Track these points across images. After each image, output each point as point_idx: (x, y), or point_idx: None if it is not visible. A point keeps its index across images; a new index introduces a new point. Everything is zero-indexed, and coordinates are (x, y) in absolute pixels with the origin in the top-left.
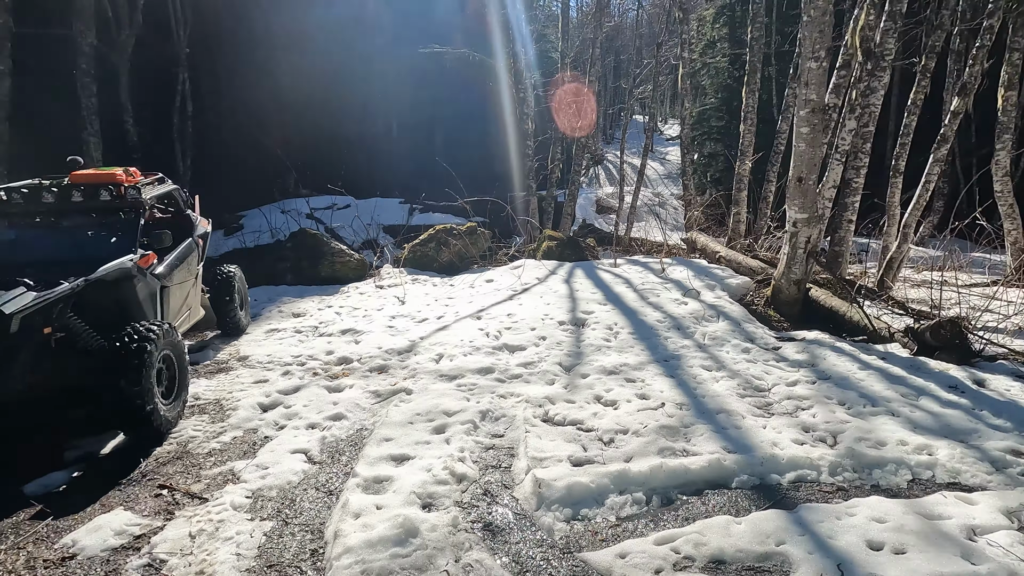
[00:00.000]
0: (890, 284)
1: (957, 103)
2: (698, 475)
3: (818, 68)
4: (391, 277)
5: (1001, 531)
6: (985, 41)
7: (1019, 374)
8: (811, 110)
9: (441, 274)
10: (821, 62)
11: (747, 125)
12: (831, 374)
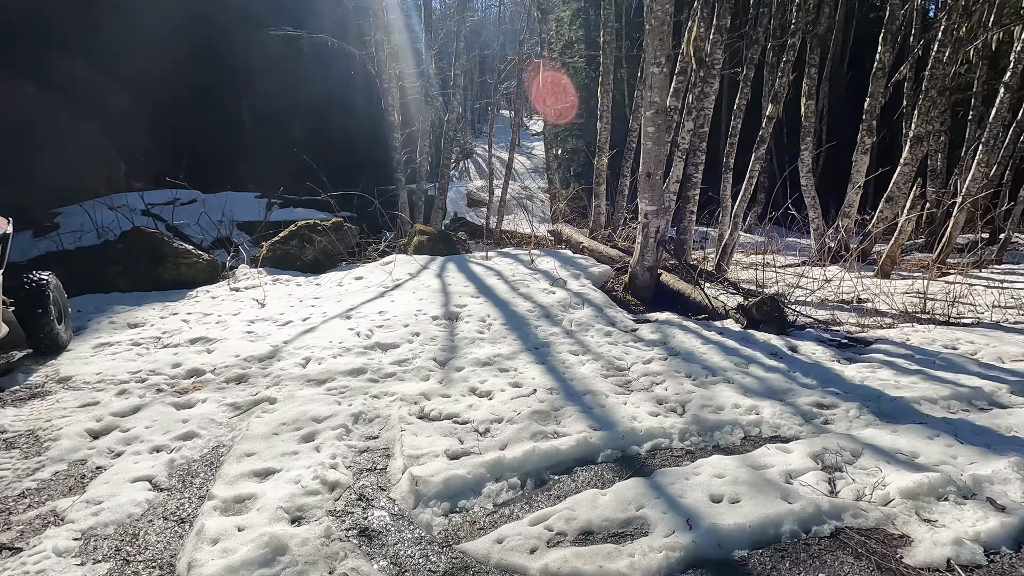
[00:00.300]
0: (726, 267)
1: (771, 109)
2: (568, 454)
3: (660, 73)
4: (248, 278)
5: (810, 472)
6: (789, 56)
7: (821, 339)
8: (655, 111)
9: (306, 273)
10: (662, 67)
11: (603, 123)
12: (679, 350)
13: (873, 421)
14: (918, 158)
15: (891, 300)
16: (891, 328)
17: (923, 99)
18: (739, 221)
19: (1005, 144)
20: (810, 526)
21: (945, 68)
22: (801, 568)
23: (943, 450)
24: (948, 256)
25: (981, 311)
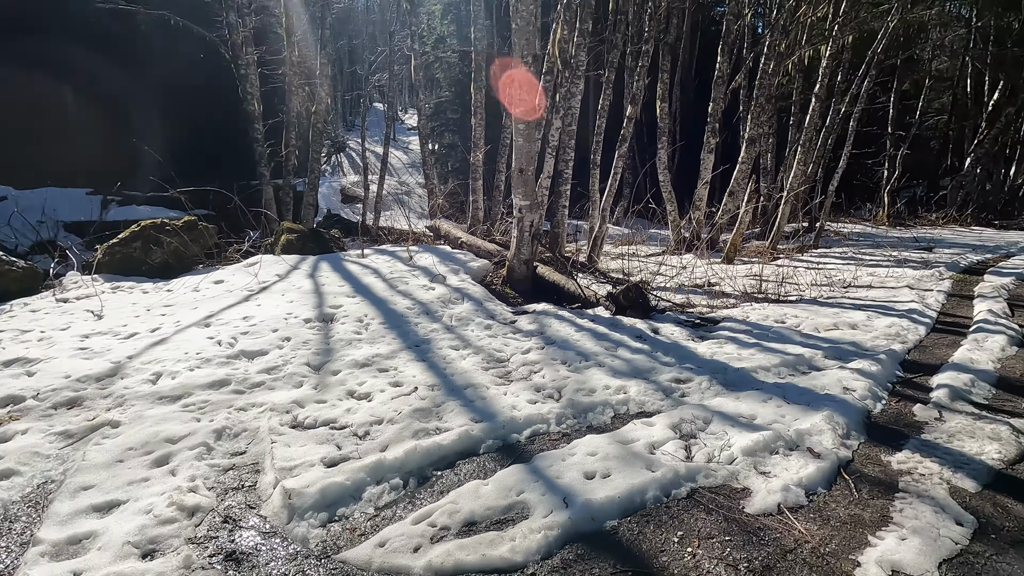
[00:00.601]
0: (596, 258)
1: (631, 110)
2: (450, 449)
3: (527, 71)
4: (80, 287)
5: (669, 442)
6: (644, 62)
7: (679, 321)
8: (524, 109)
9: (154, 279)
10: (530, 66)
11: (477, 119)
12: (555, 339)
13: (721, 391)
14: (752, 157)
15: (734, 283)
16: (735, 308)
17: (754, 105)
18: (607, 214)
19: (818, 146)
20: (670, 490)
21: (771, 79)
22: (663, 529)
23: (774, 411)
24: (778, 243)
25: (803, 289)
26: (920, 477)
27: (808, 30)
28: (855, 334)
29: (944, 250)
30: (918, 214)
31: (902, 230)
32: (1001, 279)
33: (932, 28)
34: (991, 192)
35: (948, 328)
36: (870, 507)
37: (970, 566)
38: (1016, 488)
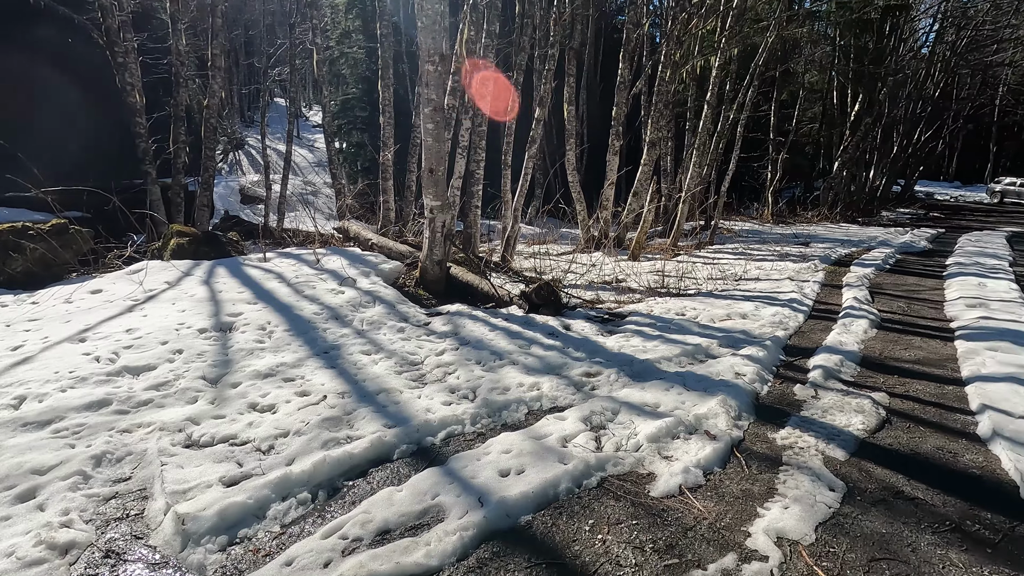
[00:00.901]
0: (510, 258)
1: (539, 112)
2: (362, 457)
3: (435, 71)
4: None
5: (581, 434)
6: (550, 65)
7: (589, 317)
8: (433, 108)
9: (14, 290)
10: (437, 66)
11: (386, 118)
12: (470, 339)
13: (628, 382)
14: (654, 159)
15: (639, 279)
16: (640, 302)
17: (654, 110)
18: (519, 214)
19: (711, 149)
20: (581, 481)
21: (668, 86)
22: (575, 519)
23: (676, 398)
24: (678, 240)
25: (701, 283)
26: (800, 450)
27: (700, 42)
28: (745, 323)
29: (818, 245)
30: (797, 212)
31: (784, 227)
32: (864, 269)
33: (804, 45)
34: (855, 192)
35: (822, 315)
36: (759, 481)
37: (840, 526)
38: (877, 454)
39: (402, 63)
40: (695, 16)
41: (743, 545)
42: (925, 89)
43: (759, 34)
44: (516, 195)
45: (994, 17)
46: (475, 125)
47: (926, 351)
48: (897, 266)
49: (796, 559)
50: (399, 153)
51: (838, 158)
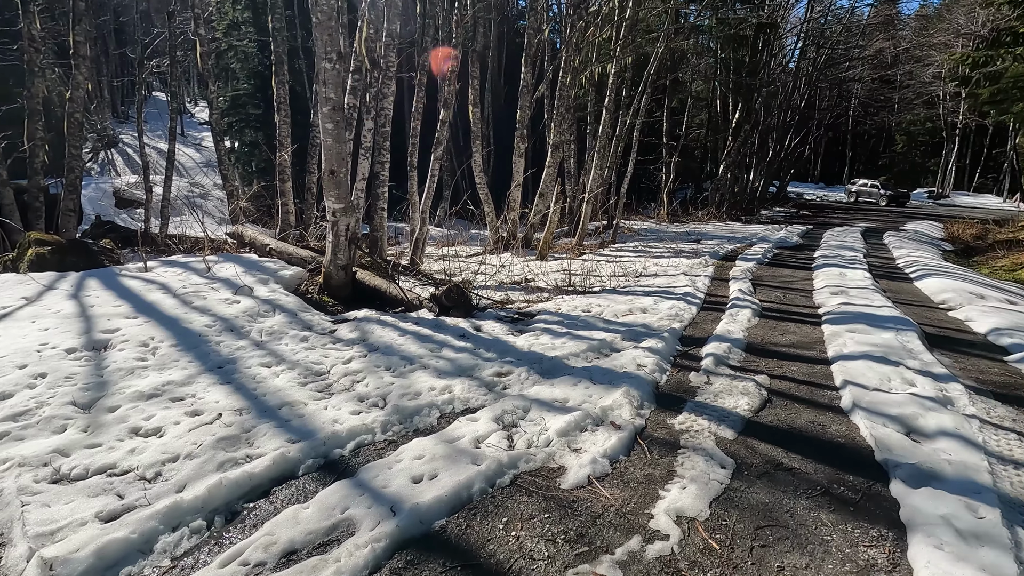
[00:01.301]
0: (419, 260)
1: (444, 113)
2: (264, 476)
3: (332, 69)
4: None
5: (493, 434)
6: (453, 67)
7: (499, 317)
8: (332, 108)
9: None
10: (335, 64)
11: (282, 116)
12: (379, 345)
13: (539, 380)
14: (558, 161)
15: (547, 278)
16: (549, 301)
17: (556, 114)
18: (426, 216)
19: (611, 152)
20: (495, 480)
21: (568, 91)
22: (489, 518)
23: (583, 392)
24: (583, 239)
25: (605, 280)
26: (695, 433)
27: (597, 49)
28: (646, 317)
29: (708, 242)
30: (689, 212)
31: (678, 225)
32: (747, 264)
33: (691, 56)
34: (738, 193)
35: (713, 306)
36: (660, 465)
37: (731, 500)
38: (760, 431)
39: (298, 59)
40: (592, 24)
41: (647, 527)
42: (793, 100)
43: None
44: (423, 197)
45: (845, 38)
46: (378, 126)
47: (799, 335)
48: (774, 260)
49: (693, 535)
50: (298, 153)
51: (723, 161)
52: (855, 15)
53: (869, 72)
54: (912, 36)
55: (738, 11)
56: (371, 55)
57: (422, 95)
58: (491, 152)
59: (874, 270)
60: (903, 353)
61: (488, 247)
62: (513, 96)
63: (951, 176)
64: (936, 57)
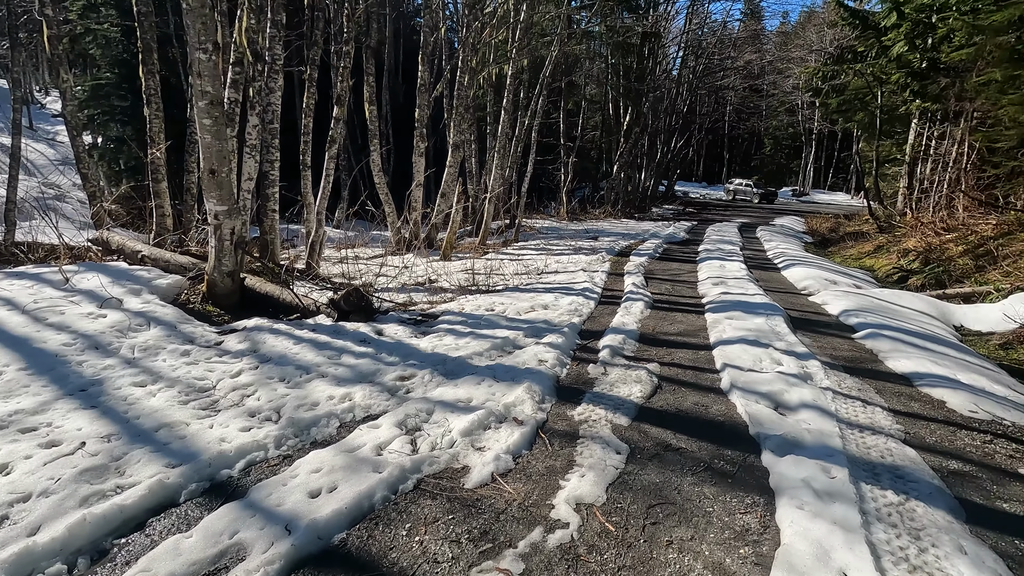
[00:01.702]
0: (316, 264)
1: (337, 111)
2: (138, 507)
3: (208, 60)
4: None
5: (396, 440)
6: (346, 63)
7: (402, 320)
8: (210, 102)
9: None
10: (210, 55)
11: (152, 109)
12: (272, 355)
13: (442, 381)
14: (458, 161)
15: (451, 278)
16: (452, 301)
17: (455, 114)
18: (322, 217)
19: (511, 152)
20: (397, 486)
21: (466, 91)
22: (392, 526)
23: (487, 390)
24: (486, 239)
25: (508, 279)
26: (593, 423)
27: (494, 51)
28: (547, 313)
29: (605, 238)
30: (587, 210)
31: (577, 223)
32: (640, 259)
33: (584, 61)
34: (631, 192)
35: (609, 300)
36: (560, 456)
37: (625, 484)
38: (652, 416)
39: (172, 47)
40: (488, 26)
41: (548, 517)
42: (677, 105)
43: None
44: (319, 198)
45: (720, 49)
46: (265, 122)
47: (686, 324)
48: (664, 254)
49: (592, 520)
50: (175, 150)
51: (616, 162)
52: (727, 29)
53: (741, 81)
54: (775, 50)
55: (625, 19)
56: (253, 47)
57: (313, 91)
58: (391, 151)
59: (749, 261)
60: (772, 336)
61: (390, 248)
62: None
63: (810, 176)
64: (794, 70)
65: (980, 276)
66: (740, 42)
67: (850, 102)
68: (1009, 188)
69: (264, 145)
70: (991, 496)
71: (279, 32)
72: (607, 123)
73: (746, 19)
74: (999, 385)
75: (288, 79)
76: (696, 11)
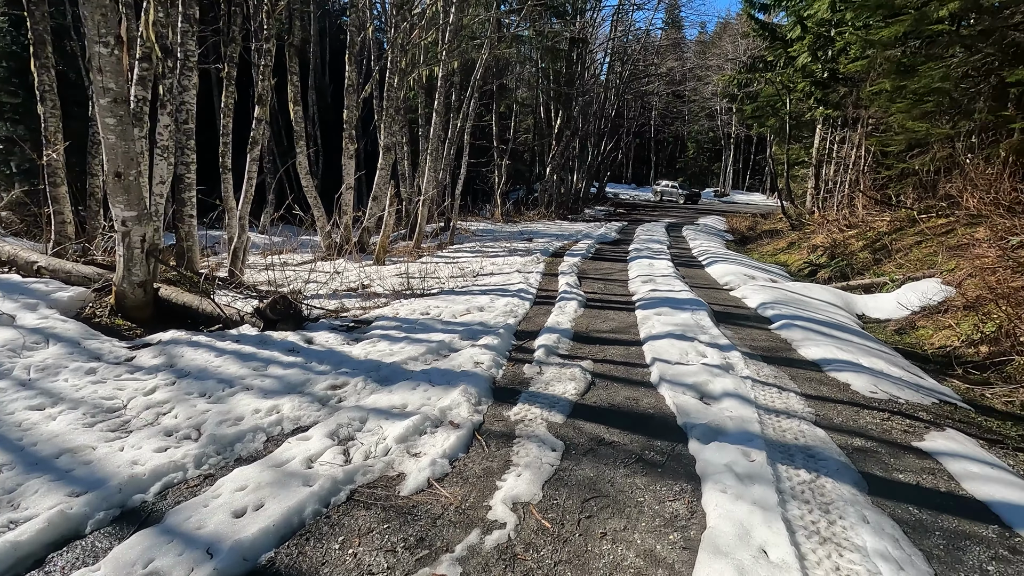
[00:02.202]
0: (240, 271)
1: (259, 111)
2: (36, 542)
3: (110, 55)
4: None
5: (328, 451)
6: (268, 61)
7: (333, 327)
8: (113, 100)
9: None
10: (112, 49)
11: (48, 107)
12: (190, 369)
13: (377, 388)
14: (390, 163)
15: (385, 283)
16: (387, 306)
17: (386, 115)
18: (246, 223)
19: (444, 155)
20: (329, 499)
21: (397, 92)
22: (324, 540)
23: (422, 395)
24: (421, 242)
25: (443, 282)
26: (529, 422)
27: (424, 52)
28: (483, 315)
29: (540, 240)
30: (522, 212)
31: (512, 225)
32: (573, 259)
33: (515, 64)
34: (564, 194)
35: (544, 300)
36: (497, 457)
37: (561, 480)
38: (586, 412)
39: (70, 40)
40: (417, 27)
41: (485, 519)
42: (606, 109)
43: (476, 50)
44: (241, 201)
45: (644, 56)
46: (179, 122)
47: (618, 321)
48: (597, 254)
49: (528, 518)
50: (76, 151)
51: (549, 164)
52: (650, 36)
53: (664, 87)
54: (694, 58)
55: (554, 25)
56: (163, 42)
57: (233, 90)
58: (319, 153)
59: (676, 260)
60: (697, 329)
61: (320, 254)
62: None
63: (730, 177)
64: (712, 77)
65: (878, 268)
66: (663, 49)
67: (763, 108)
68: (899, 188)
69: (179, 146)
70: (889, 468)
71: (192, 27)
72: (539, 126)
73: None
74: (895, 367)
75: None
76: (621, 19)
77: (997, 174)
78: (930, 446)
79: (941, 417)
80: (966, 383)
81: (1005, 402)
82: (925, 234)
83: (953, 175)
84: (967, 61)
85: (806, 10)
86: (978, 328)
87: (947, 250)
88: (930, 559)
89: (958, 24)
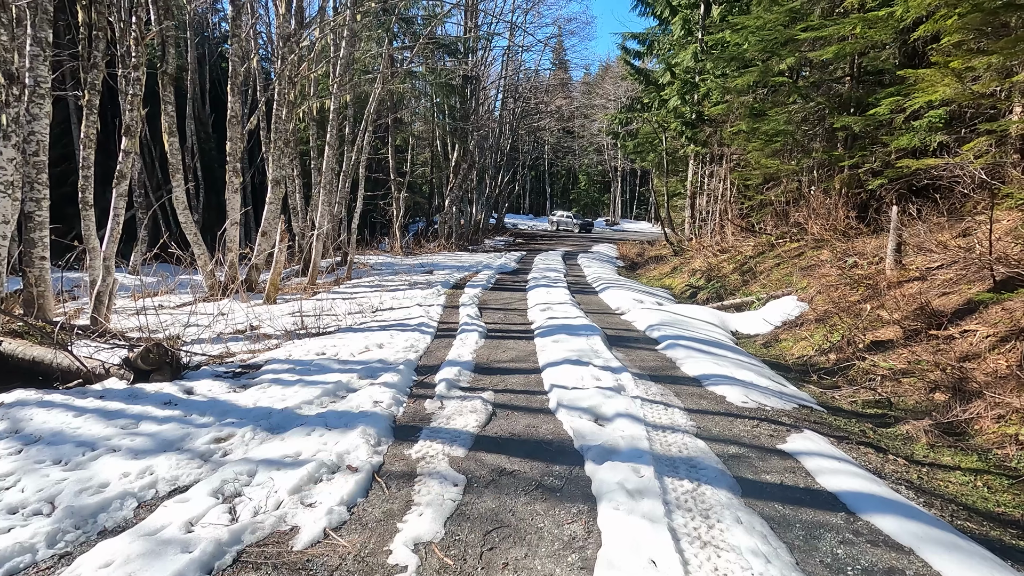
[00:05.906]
0: (105, 318)
1: (127, 142)
2: None
3: None
4: None
5: (211, 511)
6: (137, 90)
7: (217, 374)
8: None
9: None
10: None
11: None
12: (42, 434)
13: (267, 437)
14: (280, 197)
15: (276, 323)
16: (278, 348)
17: (274, 148)
18: (111, 263)
19: (339, 188)
20: (213, 564)
21: (285, 124)
22: None
23: (318, 441)
24: (316, 278)
25: (341, 319)
26: (430, 458)
27: (315, 84)
28: (382, 352)
29: (440, 272)
30: (422, 244)
31: (412, 258)
32: (474, 290)
33: (410, 98)
34: (464, 225)
35: (446, 333)
36: (398, 499)
37: (463, 515)
38: (488, 444)
39: None
40: (306, 60)
41: (386, 564)
42: (501, 144)
43: (369, 84)
44: (106, 241)
45: (535, 94)
46: (28, 155)
47: (518, 350)
48: (497, 284)
49: (430, 557)
50: None
51: (448, 196)
52: (540, 76)
53: (555, 123)
54: (581, 97)
55: (446, 63)
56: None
57: (95, 119)
58: (199, 187)
59: (572, 287)
60: (592, 354)
61: (203, 294)
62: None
63: (619, 207)
64: (598, 115)
65: (746, 288)
66: (552, 88)
67: (643, 145)
68: (760, 216)
69: (28, 181)
70: (759, 471)
71: (43, 51)
72: (437, 159)
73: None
74: (763, 378)
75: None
76: (511, 59)
77: (833, 204)
78: (791, 447)
79: (800, 420)
80: (820, 387)
81: (850, 402)
82: (782, 257)
83: (800, 205)
84: (804, 108)
85: (674, 58)
86: (827, 338)
87: (800, 271)
88: (792, 549)
89: (796, 76)
